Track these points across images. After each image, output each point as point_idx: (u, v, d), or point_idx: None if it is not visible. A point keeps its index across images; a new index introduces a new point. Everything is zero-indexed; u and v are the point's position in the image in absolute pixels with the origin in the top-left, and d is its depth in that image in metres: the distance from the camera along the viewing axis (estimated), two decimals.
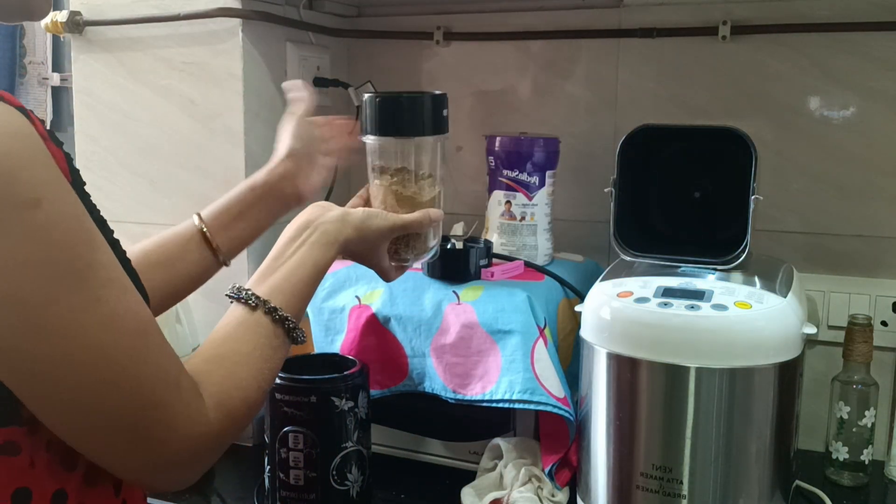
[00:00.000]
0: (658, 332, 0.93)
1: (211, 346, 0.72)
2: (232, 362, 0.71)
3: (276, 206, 0.99)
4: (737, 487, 0.94)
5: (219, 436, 0.68)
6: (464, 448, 1.16)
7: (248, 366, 0.72)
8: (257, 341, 0.74)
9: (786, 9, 1.23)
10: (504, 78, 1.42)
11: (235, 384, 0.70)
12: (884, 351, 1.20)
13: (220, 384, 0.69)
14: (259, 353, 0.73)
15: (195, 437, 0.64)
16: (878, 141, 1.21)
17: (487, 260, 1.17)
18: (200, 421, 0.65)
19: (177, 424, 0.62)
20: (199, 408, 0.65)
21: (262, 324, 0.74)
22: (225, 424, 0.68)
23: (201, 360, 0.70)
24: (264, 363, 0.73)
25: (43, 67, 1.73)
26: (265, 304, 0.75)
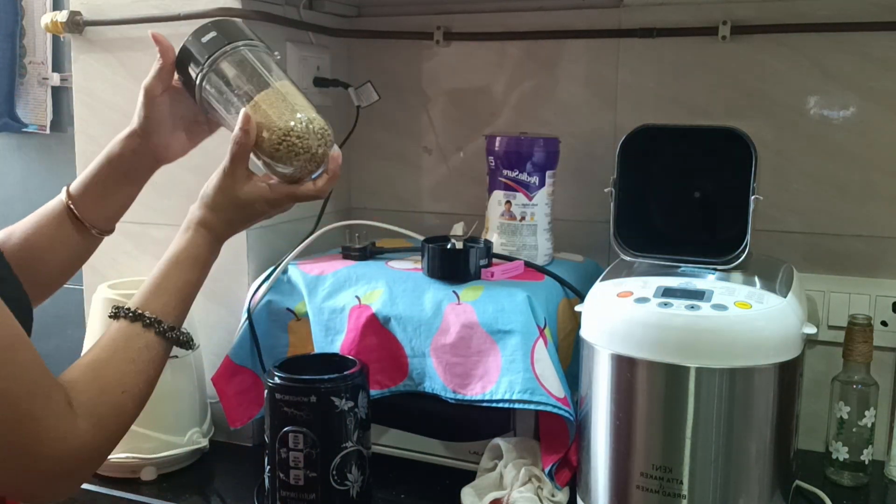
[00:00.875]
0: (658, 332, 0.93)
1: (82, 358, 0.75)
2: (95, 367, 0.74)
3: (139, 173, 0.96)
4: (737, 487, 0.94)
5: (92, 445, 0.69)
6: (464, 448, 1.16)
7: (112, 368, 0.74)
8: (118, 345, 0.76)
9: (786, 9, 1.23)
10: (504, 78, 1.42)
11: (101, 388, 0.72)
12: (884, 351, 1.20)
13: (86, 391, 0.71)
14: (122, 355, 0.76)
15: (68, 448, 0.66)
16: (878, 141, 1.21)
17: (487, 260, 1.17)
18: (72, 432, 0.67)
19: (48, 437, 0.64)
20: (69, 419, 0.67)
21: (121, 328, 0.78)
22: (96, 433, 0.70)
23: (72, 370, 0.73)
24: (128, 365, 0.75)
25: (43, 67, 1.73)
26: (125, 311, 0.78)
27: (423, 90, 1.47)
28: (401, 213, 1.49)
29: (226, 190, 0.85)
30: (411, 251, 1.28)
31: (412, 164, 1.50)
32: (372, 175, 1.53)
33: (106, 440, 0.72)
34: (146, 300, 0.80)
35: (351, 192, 1.55)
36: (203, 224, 0.85)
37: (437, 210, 1.49)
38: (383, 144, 1.51)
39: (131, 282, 1.32)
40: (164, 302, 0.81)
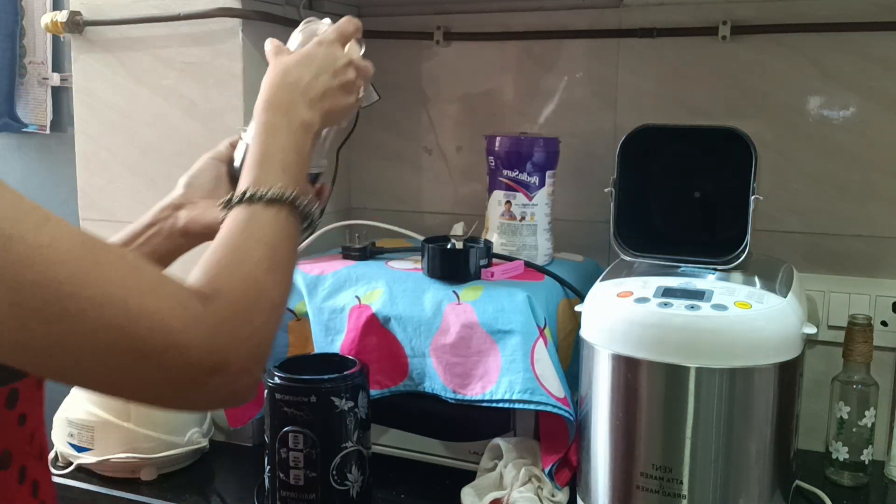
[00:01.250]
0: (658, 332, 0.93)
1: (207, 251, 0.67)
2: (216, 252, 0.66)
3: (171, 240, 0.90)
4: (737, 487, 0.94)
5: (227, 323, 0.60)
6: (464, 448, 1.16)
7: (235, 248, 0.66)
8: (234, 228, 0.68)
9: (786, 9, 1.23)
10: (504, 78, 1.42)
11: (228, 268, 0.64)
12: (884, 351, 1.20)
13: (211, 271, 0.63)
14: (244, 235, 0.68)
15: (206, 337, 0.58)
16: (878, 141, 1.21)
17: (487, 260, 1.17)
18: (205, 317, 0.58)
19: (171, 326, 0.56)
20: (192, 300, 0.59)
21: (237, 213, 0.69)
22: (235, 309, 0.61)
23: (199, 263, 0.65)
24: (256, 243, 0.67)
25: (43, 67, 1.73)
26: (233, 198, 0.70)
27: (423, 90, 1.47)
28: (401, 213, 1.49)
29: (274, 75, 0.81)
30: (411, 251, 1.28)
31: (412, 164, 1.50)
32: (372, 175, 1.53)
33: (249, 322, 0.61)
34: (254, 177, 0.72)
35: (351, 192, 1.55)
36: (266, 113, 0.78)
37: (437, 210, 1.49)
38: (383, 144, 1.51)
39: None
40: (280, 169, 0.73)
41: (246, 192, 0.70)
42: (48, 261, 0.53)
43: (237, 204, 0.70)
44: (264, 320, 0.64)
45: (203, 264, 0.65)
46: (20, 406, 0.65)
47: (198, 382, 0.58)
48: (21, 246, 0.52)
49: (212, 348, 0.58)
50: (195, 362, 0.57)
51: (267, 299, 0.65)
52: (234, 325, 0.60)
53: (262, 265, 0.66)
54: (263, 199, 0.70)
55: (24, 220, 0.54)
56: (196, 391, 0.59)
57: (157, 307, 0.56)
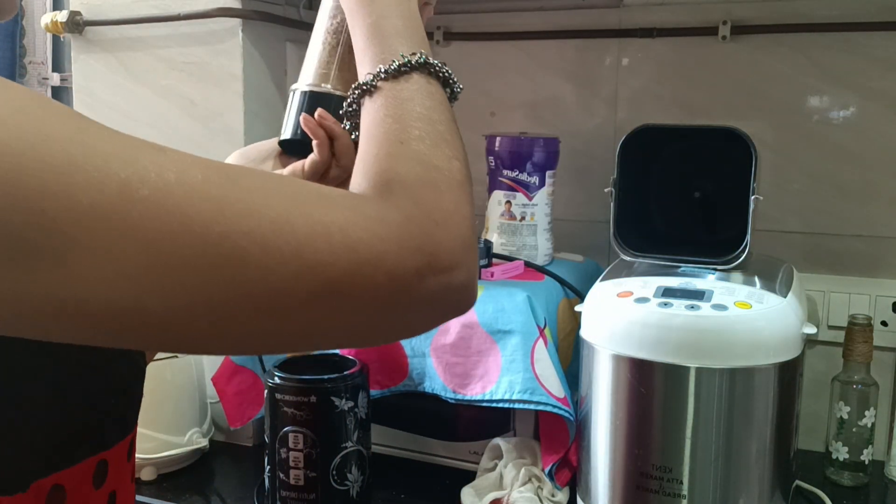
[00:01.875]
0: (658, 332, 0.93)
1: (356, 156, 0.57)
2: (376, 145, 0.55)
3: None
4: (737, 487, 0.94)
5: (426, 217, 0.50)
6: (464, 448, 1.16)
7: (384, 136, 0.56)
8: (378, 112, 0.58)
9: (786, 9, 1.23)
10: (504, 78, 1.42)
11: (385, 155, 0.54)
12: (884, 351, 1.20)
13: (366, 170, 0.53)
14: (392, 112, 0.57)
15: (398, 233, 0.47)
16: (878, 141, 1.21)
17: (487, 260, 1.17)
18: (389, 213, 0.48)
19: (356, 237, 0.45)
20: (375, 204, 0.49)
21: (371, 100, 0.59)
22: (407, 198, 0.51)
23: (353, 172, 0.55)
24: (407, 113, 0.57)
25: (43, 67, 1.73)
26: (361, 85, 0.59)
27: None
28: None
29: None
30: None
31: None
32: None
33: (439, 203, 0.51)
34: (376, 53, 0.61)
35: None
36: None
37: None
38: None
39: None
40: (406, 36, 0.63)
41: (369, 75, 0.59)
42: (181, 201, 0.41)
43: (365, 92, 0.59)
44: (453, 198, 0.53)
45: (357, 168, 0.55)
46: (109, 482, 0.54)
47: (411, 293, 0.47)
48: (145, 190, 0.40)
49: (411, 248, 0.47)
50: (399, 270, 0.46)
51: (445, 175, 0.54)
52: (424, 213, 0.50)
53: (424, 141, 0.55)
54: (391, 72, 0.59)
55: (137, 156, 0.42)
56: (414, 304, 0.48)
57: (330, 220, 0.45)
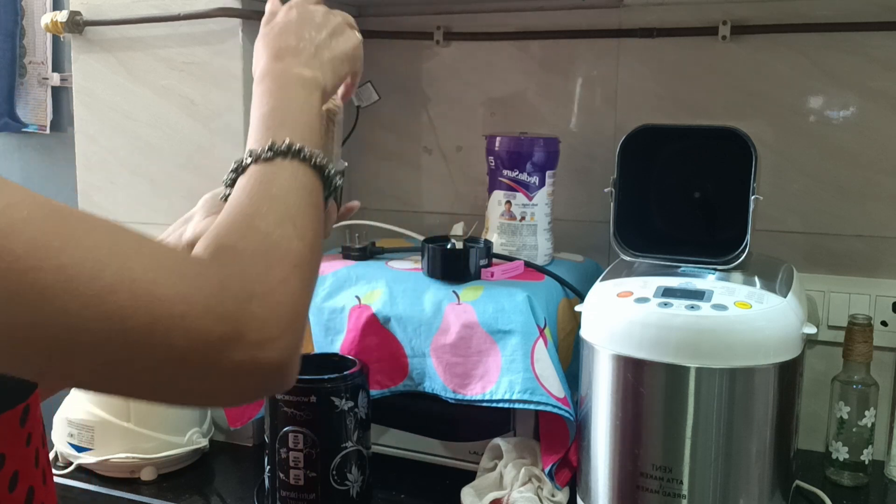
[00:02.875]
0: (658, 332, 0.93)
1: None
2: (224, 217, 0.57)
3: None
4: (737, 487, 0.94)
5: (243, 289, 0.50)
6: (464, 448, 1.16)
7: (250, 210, 0.57)
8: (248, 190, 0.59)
9: (786, 9, 1.23)
10: (504, 78, 1.42)
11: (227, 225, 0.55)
12: (884, 351, 1.20)
13: (207, 237, 0.54)
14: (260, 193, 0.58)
15: (207, 298, 0.47)
16: (878, 141, 1.21)
17: (487, 260, 1.17)
18: (205, 277, 0.49)
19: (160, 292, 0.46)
20: (194, 266, 0.49)
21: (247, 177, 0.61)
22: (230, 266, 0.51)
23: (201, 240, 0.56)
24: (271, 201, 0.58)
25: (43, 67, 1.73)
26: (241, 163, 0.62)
27: (423, 90, 1.47)
28: (401, 213, 1.49)
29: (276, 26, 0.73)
30: (411, 251, 1.28)
31: (412, 164, 1.50)
32: (372, 175, 1.53)
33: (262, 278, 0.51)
34: (263, 136, 0.63)
35: (351, 192, 1.55)
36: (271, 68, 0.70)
37: (437, 210, 1.49)
38: (383, 144, 1.51)
39: None
40: (290, 128, 0.64)
41: (242, 157, 0.62)
42: (2, 230, 0.43)
43: (237, 172, 0.62)
44: (281, 275, 0.53)
45: (204, 237, 0.56)
46: (29, 424, 0.58)
47: (209, 360, 0.47)
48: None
49: (216, 314, 0.47)
50: (198, 333, 0.46)
51: (282, 251, 0.54)
52: (242, 284, 0.49)
53: (268, 217, 0.56)
54: (261, 157, 0.61)
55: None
56: (213, 373, 0.48)
57: (141, 272, 0.46)
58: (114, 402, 1.17)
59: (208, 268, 0.50)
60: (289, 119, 0.66)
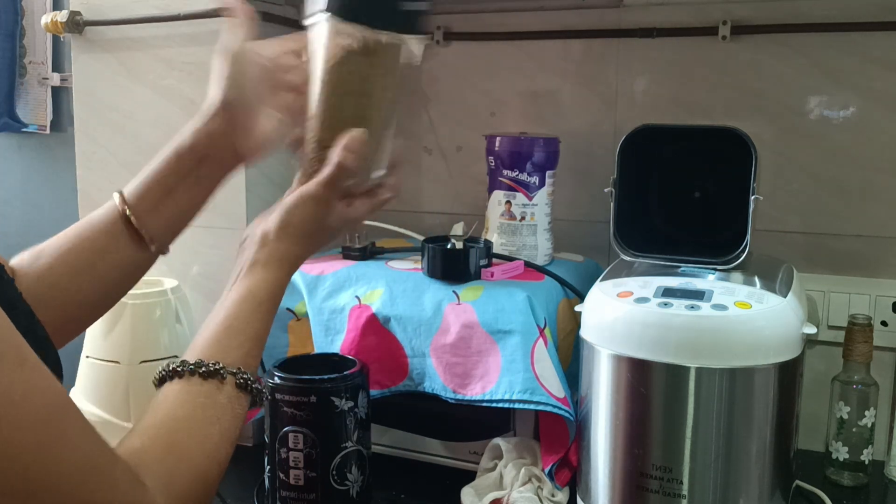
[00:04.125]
0: (658, 332, 0.93)
1: (144, 421, 0.61)
2: (169, 431, 0.59)
3: (214, 171, 0.78)
4: (737, 487, 0.94)
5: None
6: (464, 448, 1.16)
7: (191, 431, 0.60)
8: (195, 403, 0.62)
9: (786, 9, 1.23)
10: (504, 78, 1.42)
11: (179, 456, 0.58)
12: (884, 351, 1.20)
13: (161, 462, 0.57)
14: (201, 415, 0.61)
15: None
16: (878, 141, 1.21)
17: (487, 260, 1.17)
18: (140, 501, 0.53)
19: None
20: (142, 498, 0.53)
21: (192, 386, 0.62)
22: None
23: (135, 436, 0.58)
24: (210, 427, 0.61)
25: (43, 67, 1.73)
26: (195, 365, 0.63)
27: (423, 90, 1.47)
28: (401, 213, 1.49)
29: (320, 219, 0.72)
30: (411, 251, 1.28)
31: (412, 164, 1.50)
32: None
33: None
34: (220, 348, 0.65)
35: None
36: (287, 259, 0.72)
37: (437, 210, 1.49)
38: None
39: None
40: (246, 351, 0.67)
41: (210, 363, 0.64)
42: (15, 422, 0.45)
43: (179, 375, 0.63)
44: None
45: (152, 439, 0.58)
46: None
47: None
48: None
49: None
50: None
51: (212, 493, 0.61)
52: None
53: (213, 457, 0.60)
54: (224, 376, 0.64)
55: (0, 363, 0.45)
56: None
57: (105, 500, 0.50)
58: (114, 402, 1.17)
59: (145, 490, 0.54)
60: (260, 341, 0.69)
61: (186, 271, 1.35)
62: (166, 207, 0.77)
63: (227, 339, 0.66)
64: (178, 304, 1.30)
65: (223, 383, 0.63)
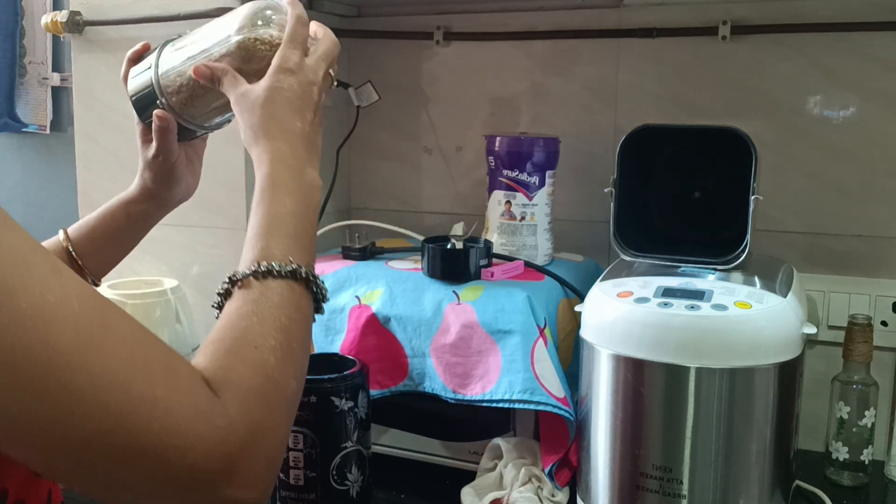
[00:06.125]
0: (658, 332, 0.93)
1: (203, 344, 0.59)
2: (232, 338, 0.57)
3: (155, 218, 0.92)
4: (737, 487, 0.94)
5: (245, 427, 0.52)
6: (464, 448, 1.16)
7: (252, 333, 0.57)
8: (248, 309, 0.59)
9: (786, 9, 1.23)
10: (504, 78, 1.42)
11: (242, 357, 0.55)
12: (884, 351, 1.20)
13: (227, 367, 0.54)
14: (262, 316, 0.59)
15: (214, 433, 0.49)
16: (878, 141, 1.21)
17: (487, 260, 1.17)
18: (215, 410, 0.50)
19: (185, 423, 0.48)
20: (206, 395, 0.51)
21: (241, 294, 0.61)
22: (248, 409, 0.52)
23: (201, 349, 0.57)
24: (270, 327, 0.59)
25: (43, 67, 1.73)
26: (242, 273, 0.62)
27: (423, 90, 1.47)
28: (401, 213, 1.49)
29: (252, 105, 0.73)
30: (411, 251, 1.28)
31: (412, 164, 1.50)
32: (372, 175, 1.53)
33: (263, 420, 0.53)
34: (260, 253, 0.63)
35: (351, 192, 1.55)
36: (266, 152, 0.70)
37: (437, 210, 1.49)
38: (383, 144, 1.51)
39: (131, 282, 1.32)
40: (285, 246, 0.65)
41: (255, 265, 0.62)
42: (52, 322, 0.44)
43: (240, 283, 0.61)
44: (279, 421, 0.55)
45: (209, 350, 0.56)
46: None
47: (199, 490, 0.49)
48: (24, 300, 0.43)
49: (219, 453, 0.49)
50: (199, 467, 0.48)
51: (282, 395, 0.56)
52: (245, 426, 0.52)
53: (276, 353, 0.57)
54: (273, 274, 0.62)
55: (31, 270, 0.45)
56: (196, 501, 0.50)
57: (162, 397, 0.48)
58: None
59: (217, 406, 0.51)
60: (297, 230, 0.67)
61: (186, 271, 1.35)
62: (107, 250, 0.90)
63: (267, 235, 0.65)
64: (178, 304, 1.30)
65: (273, 279, 0.62)
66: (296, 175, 0.70)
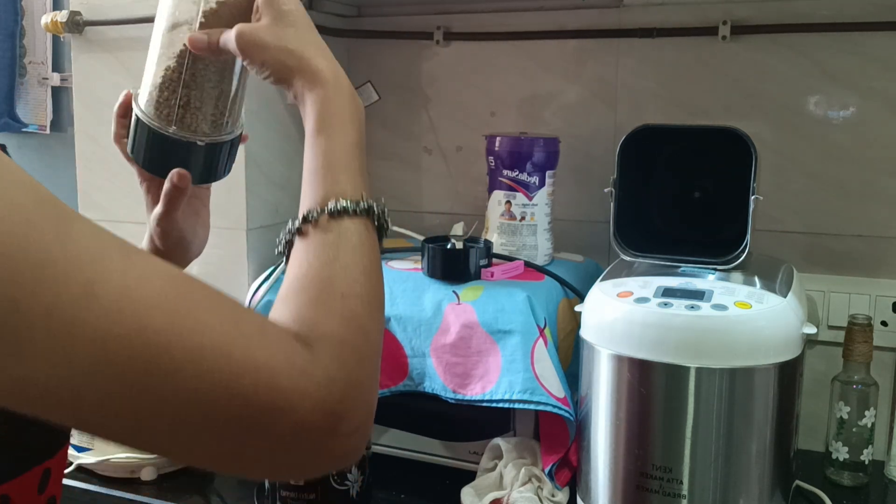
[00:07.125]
0: (658, 332, 0.93)
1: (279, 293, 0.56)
2: (317, 289, 0.54)
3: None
4: (737, 487, 0.94)
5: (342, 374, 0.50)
6: (464, 448, 1.16)
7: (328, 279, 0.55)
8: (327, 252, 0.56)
9: (786, 9, 1.23)
10: (504, 78, 1.42)
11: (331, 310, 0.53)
12: (884, 351, 1.20)
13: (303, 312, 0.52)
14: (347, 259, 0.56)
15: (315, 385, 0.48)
16: (878, 141, 1.21)
17: (487, 260, 1.17)
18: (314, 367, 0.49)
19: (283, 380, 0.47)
20: (303, 354, 0.49)
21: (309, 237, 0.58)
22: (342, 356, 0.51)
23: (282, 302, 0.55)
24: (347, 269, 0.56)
25: (43, 67, 1.73)
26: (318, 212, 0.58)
27: (423, 90, 1.47)
28: (401, 212, 1.49)
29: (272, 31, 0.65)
30: (411, 251, 1.28)
31: (412, 164, 1.50)
32: (372, 175, 1.53)
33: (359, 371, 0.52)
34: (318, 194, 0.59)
35: None
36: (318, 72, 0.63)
37: (437, 210, 1.49)
38: (383, 144, 1.51)
39: None
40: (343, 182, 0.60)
41: (332, 203, 0.58)
42: (138, 307, 0.43)
43: (312, 223, 0.58)
44: (370, 368, 0.54)
45: (292, 304, 0.54)
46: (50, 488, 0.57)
47: (305, 446, 0.48)
48: (105, 291, 0.42)
49: (324, 410, 0.48)
50: (306, 424, 0.47)
51: (372, 339, 0.55)
52: (344, 378, 0.50)
53: (362, 298, 0.55)
54: (349, 212, 0.58)
55: (105, 258, 0.43)
56: (307, 457, 0.49)
57: (263, 359, 0.46)
58: None
59: (316, 360, 0.50)
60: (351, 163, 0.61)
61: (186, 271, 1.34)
62: None
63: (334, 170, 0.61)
64: None
65: (349, 218, 0.58)
66: (353, 99, 0.64)
